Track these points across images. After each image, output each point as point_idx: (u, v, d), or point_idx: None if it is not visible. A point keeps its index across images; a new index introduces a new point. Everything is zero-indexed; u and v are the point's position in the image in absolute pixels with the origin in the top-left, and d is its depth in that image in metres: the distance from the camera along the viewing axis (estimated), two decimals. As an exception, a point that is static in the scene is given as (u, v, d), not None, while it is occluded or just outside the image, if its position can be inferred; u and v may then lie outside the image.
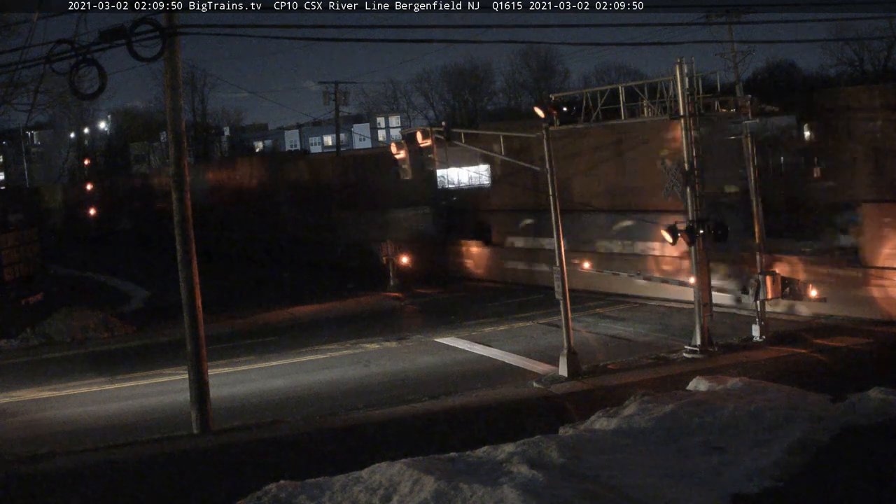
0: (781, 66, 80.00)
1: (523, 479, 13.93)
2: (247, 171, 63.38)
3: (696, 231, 23.24)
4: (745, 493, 13.99)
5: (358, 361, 26.24)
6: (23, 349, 31.60)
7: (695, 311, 23.69)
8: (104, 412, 22.51)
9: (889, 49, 70.70)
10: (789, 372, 21.05)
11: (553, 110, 23.68)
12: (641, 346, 25.26)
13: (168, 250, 25.91)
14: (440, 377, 23.51)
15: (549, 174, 22.70)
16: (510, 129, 31.90)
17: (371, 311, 35.46)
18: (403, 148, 25.39)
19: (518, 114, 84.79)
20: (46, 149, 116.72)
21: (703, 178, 23.64)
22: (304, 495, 14.56)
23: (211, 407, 19.68)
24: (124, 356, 29.89)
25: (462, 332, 29.13)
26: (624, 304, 31.82)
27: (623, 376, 21.88)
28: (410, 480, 14.23)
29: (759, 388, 19.12)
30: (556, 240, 22.84)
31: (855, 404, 17.69)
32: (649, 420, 17.13)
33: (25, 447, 19.15)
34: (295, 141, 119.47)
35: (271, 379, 24.95)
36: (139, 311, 39.91)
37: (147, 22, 17.72)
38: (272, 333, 31.78)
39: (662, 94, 24.35)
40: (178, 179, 19.61)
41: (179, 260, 19.72)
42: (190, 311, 19.63)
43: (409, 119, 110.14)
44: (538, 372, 22.98)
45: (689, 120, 23.47)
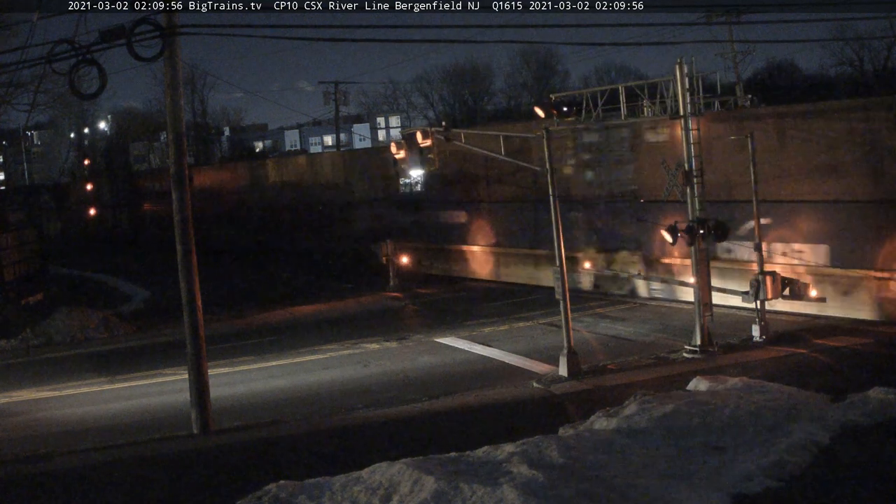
0: (781, 66, 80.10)
1: (523, 479, 13.93)
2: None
3: (696, 231, 23.23)
4: (746, 493, 13.99)
5: (358, 361, 26.23)
6: (23, 349, 31.60)
7: (695, 311, 23.69)
8: (104, 412, 22.51)
9: (889, 49, 70.75)
10: (789, 372, 21.04)
11: (553, 110, 23.68)
12: (641, 346, 25.26)
13: (168, 250, 25.90)
14: (440, 377, 23.51)
15: (549, 174, 22.70)
16: (511, 130, 31.91)
17: (371, 311, 35.46)
18: (403, 148, 25.37)
19: (518, 114, 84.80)
20: (46, 149, 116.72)
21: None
22: (304, 495, 14.57)
23: (211, 407, 19.67)
24: (124, 356, 29.88)
25: (462, 332, 29.13)
26: (624, 304, 31.82)
27: (623, 376, 21.87)
28: (410, 480, 14.23)
29: (759, 388, 19.12)
30: (556, 240, 22.82)
31: (855, 404, 17.69)
32: (649, 420, 17.12)
33: (25, 447, 19.14)
34: (295, 141, 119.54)
35: (271, 379, 24.95)
36: (139, 311, 39.87)
37: (147, 22, 17.75)
38: (272, 333, 31.77)
39: (663, 94, 24.36)
40: (178, 179, 19.61)
41: (179, 260, 19.72)
42: (190, 311, 19.63)
43: (409, 119, 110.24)
44: (538, 372, 22.97)
45: (689, 120, 23.48)
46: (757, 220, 24.51)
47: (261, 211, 59.97)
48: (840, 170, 26.17)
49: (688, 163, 23.54)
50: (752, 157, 24.37)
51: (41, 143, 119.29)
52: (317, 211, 52.88)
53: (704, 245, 23.61)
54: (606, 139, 33.05)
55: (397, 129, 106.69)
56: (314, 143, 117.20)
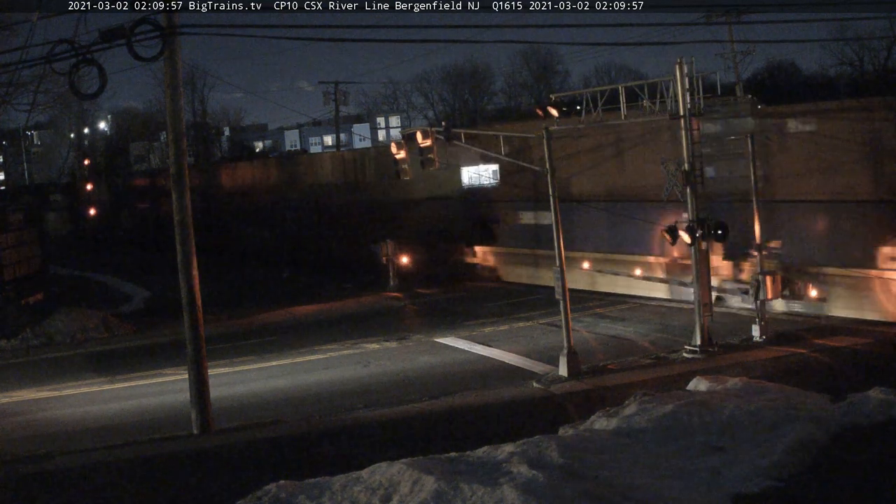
0: (781, 66, 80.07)
1: (523, 479, 13.94)
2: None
3: (696, 231, 23.22)
4: (746, 493, 14.01)
5: (358, 361, 26.23)
6: (23, 349, 31.60)
7: (695, 310, 23.69)
8: (104, 412, 22.51)
9: (889, 49, 70.70)
10: (789, 372, 21.05)
11: (553, 110, 23.67)
12: (641, 346, 25.26)
13: (168, 250, 25.90)
14: (440, 377, 23.51)
15: (549, 174, 22.69)
16: (512, 130, 31.86)
17: (371, 311, 35.46)
18: (403, 148, 25.37)
19: (518, 114, 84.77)
20: (46, 149, 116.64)
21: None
22: (303, 495, 14.58)
23: (211, 407, 19.67)
24: (124, 356, 29.88)
25: (462, 332, 29.12)
26: (624, 303, 31.82)
27: (623, 376, 21.86)
28: (410, 480, 14.24)
29: (759, 388, 19.13)
30: (555, 239, 22.82)
31: (855, 404, 17.71)
32: (649, 420, 17.13)
33: (25, 447, 19.13)
34: (295, 141, 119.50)
35: (271, 379, 24.95)
36: (139, 311, 39.91)
37: (147, 22, 17.75)
38: (272, 333, 31.77)
39: (663, 94, 24.33)
40: (178, 179, 19.61)
41: (179, 260, 19.71)
42: (190, 311, 19.62)
43: (409, 119, 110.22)
44: (538, 372, 22.97)
45: (689, 120, 23.46)
46: (757, 220, 24.51)
47: (296, 211, 53.88)
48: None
49: (688, 163, 23.53)
50: (753, 157, 24.39)
51: (41, 143, 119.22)
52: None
53: (705, 245, 23.60)
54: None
55: (397, 129, 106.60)
56: (314, 144, 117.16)
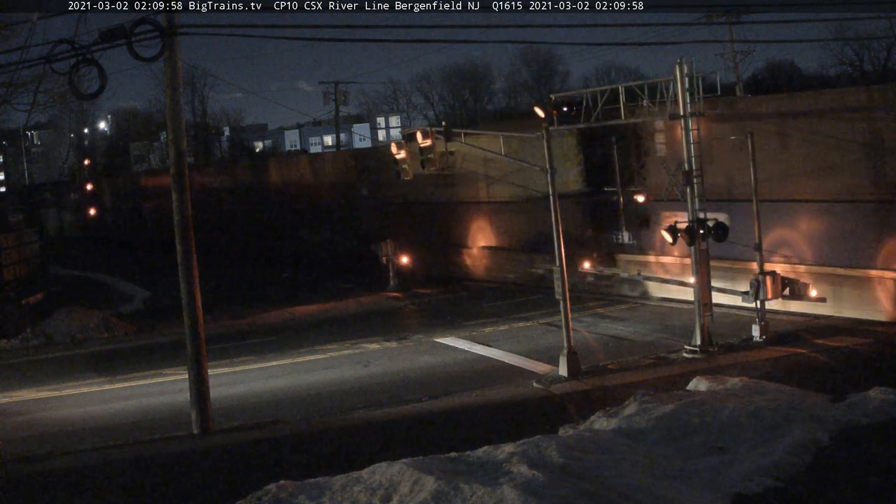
0: (781, 66, 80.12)
1: (523, 479, 13.94)
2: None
3: (696, 231, 23.22)
4: (746, 493, 14.01)
5: (358, 361, 26.23)
6: (23, 349, 31.60)
7: (695, 310, 23.68)
8: (104, 412, 22.49)
9: (889, 49, 70.74)
10: (789, 372, 21.04)
11: (553, 110, 23.68)
12: (641, 346, 25.24)
13: (168, 251, 25.89)
14: (440, 377, 23.50)
15: (549, 174, 22.69)
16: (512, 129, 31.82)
17: (371, 311, 35.45)
18: (403, 148, 25.38)
19: (518, 114, 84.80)
20: (46, 149, 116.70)
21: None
22: (303, 495, 14.58)
23: (211, 407, 19.66)
24: (124, 356, 29.87)
25: (462, 332, 29.11)
26: (624, 303, 31.81)
27: (623, 376, 21.85)
28: (410, 480, 14.24)
29: (759, 388, 19.13)
30: (555, 239, 22.82)
31: (855, 404, 17.71)
32: (649, 420, 17.14)
33: (25, 447, 19.13)
34: (295, 141, 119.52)
35: (271, 379, 24.94)
36: (139, 311, 39.89)
37: (147, 22, 17.74)
38: (272, 333, 31.76)
39: (663, 94, 24.34)
40: (178, 179, 19.60)
41: (179, 260, 19.71)
42: (190, 311, 19.62)
43: (409, 119, 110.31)
44: (538, 372, 22.96)
45: (689, 120, 23.48)
46: (757, 220, 24.50)
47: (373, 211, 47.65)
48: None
49: (688, 163, 23.54)
50: (753, 157, 24.37)
51: (41, 143, 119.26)
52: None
53: (705, 245, 23.60)
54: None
55: (397, 129, 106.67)
56: (314, 143, 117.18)
